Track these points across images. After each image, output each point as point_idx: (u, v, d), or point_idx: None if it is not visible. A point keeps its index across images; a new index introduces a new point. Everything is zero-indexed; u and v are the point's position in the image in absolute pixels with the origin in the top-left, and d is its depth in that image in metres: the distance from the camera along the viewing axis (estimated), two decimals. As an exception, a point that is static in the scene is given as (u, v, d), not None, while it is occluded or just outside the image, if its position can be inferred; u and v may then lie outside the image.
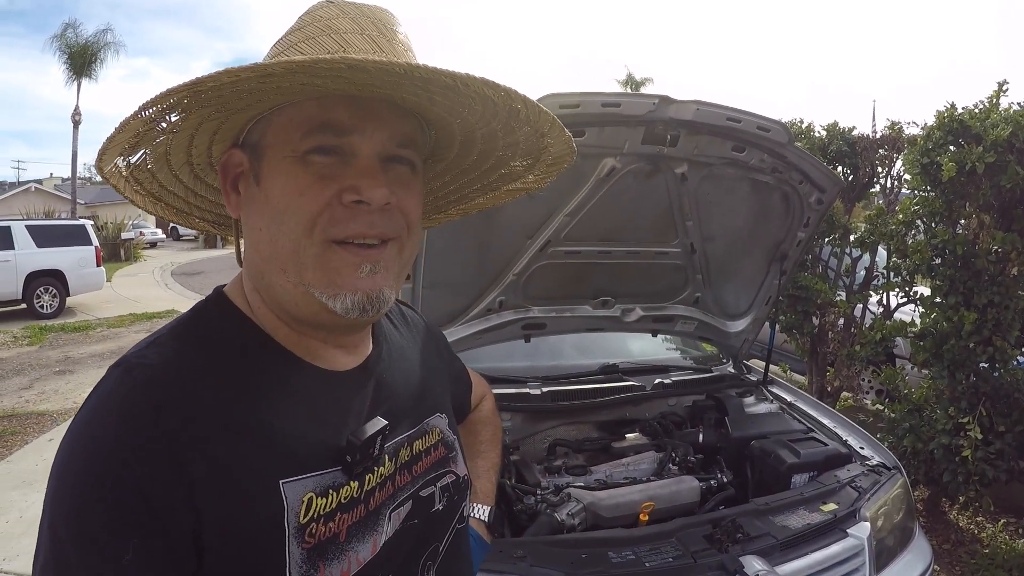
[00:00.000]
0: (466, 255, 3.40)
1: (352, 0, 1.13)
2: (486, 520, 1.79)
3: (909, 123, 5.97)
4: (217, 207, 1.32)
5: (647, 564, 2.49)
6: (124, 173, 1.11)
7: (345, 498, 1.10)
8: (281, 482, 1.02)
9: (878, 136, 6.36)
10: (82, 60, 35.65)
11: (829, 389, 6.91)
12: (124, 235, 35.10)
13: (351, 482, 1.11)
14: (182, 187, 1.23)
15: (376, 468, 1.18)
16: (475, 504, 1.77)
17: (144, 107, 0.92)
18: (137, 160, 1.09)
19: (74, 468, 0.94)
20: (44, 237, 16.50)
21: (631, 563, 2.49)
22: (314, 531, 1.03)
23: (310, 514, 1.03)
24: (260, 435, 1.03)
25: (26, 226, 16.57)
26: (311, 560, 1.02)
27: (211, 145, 1.13)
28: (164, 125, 1.00)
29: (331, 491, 1.08)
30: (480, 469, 1.84)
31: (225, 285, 1.22)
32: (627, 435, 3.80)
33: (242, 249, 1.20)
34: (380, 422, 1.17)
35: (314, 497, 1.05)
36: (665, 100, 2.93)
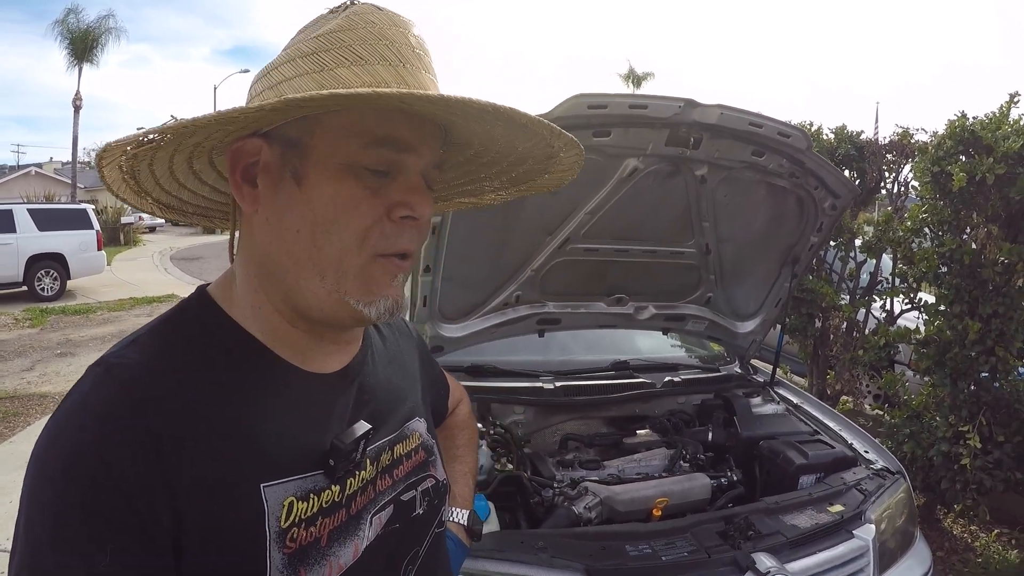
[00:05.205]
0: (486, 249, 3.43)
1: (390, 9, 1.11)
2: (465, 524, 1.78)
3: (918, 129, 6.01)
4: (181, 190, 1.25)
5: (663, 558, 2.53)
6: (129, 148, 1.04)
7: (326, 502, 1.10)
8: (262, 485, 1.01)
9: (885, 140, 6.37)
10: (83, 45, 35.79)
11: (829, 392, 6.93)
12: (124, 219, 35.09)
13: (332, 486, 1.11)
14: (165, 167, 1.16)
15: (358, 472, 1.18)
16: (453, 508, 1.77)
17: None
18: (152, 139, 1.03)
19: (52, 467, 0.93)
20: (45, 221, 16.62)
21: (647, 556, 2.54)
22: (295, 536, 1.03)
23: (291, 518, 1.03)
24: (241, 437, 1.02)
25: (28, 209, 16.68)
26: (292, 565, 1.02)
27: (235, 131, 1.09)
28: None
29: (312, 495, 1.08)
30: (457, 473, 1.83)
31: (208, 284, 1.20)
32: (638, 431, 3.84)
33: (236, 245, 1.19)
34: (364, 425, 1.17)
35: (295, 501, 1.04)
36: (690, 103, 2.96)
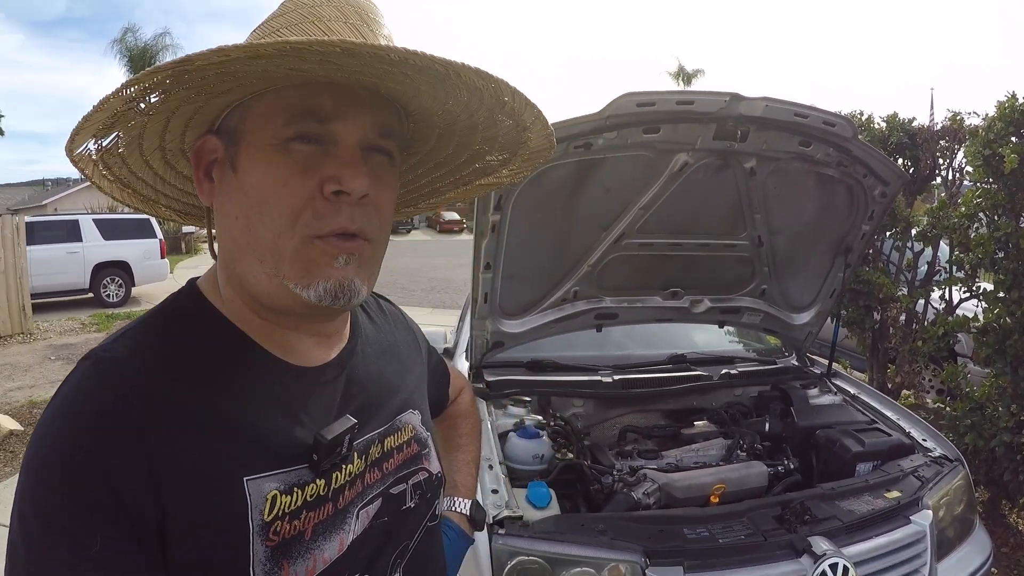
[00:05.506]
0: (544, 247, 3.50)
1: None
2: (467, 513, 1.75)
3: (970, 113, 5.91)
4: (185, 195, 1.30)
5: (720, 540, 2.58)
6: (94, 157, 1.08)
7: (311, 496, 1.09)
8: (245, 479, 1.01)
9: (938, 127, 6.25)
10: (142, 63, 36.37)
11: (890, 386, 6.79)
12: (185, 228, 35.63)
13: (317, 480, 1.10)
14: (151, 173, 1.20)
15: (344, 466, 1.16)
16: (455, 498, 1.76)
17: (127, 84, 0.90)
18: (109, 143, 1.05)
19: (41, 460, 0.94)
20: (111, 230, 17.05)
21: (705, 539, 2.59)
22: (278, 529, 1.03)
23: (274, 512, 1.02)
24: (226, 430, 1.02)
25: (93, 220, 17.13)
26: (275, 558, 1.01)
27: (185, 130, 1.11)
28: (143, 106, 0.97)
29: (296, 489, 1.07)
30: (460, 462, 1.84)
31: (198, 277, 1.20)
32: (695, 423, 3.89)
33: (215, 238, 1.18)
34: (349, 420, 1.16)
35: (278, 495, 1.04)
36: (736, 97, 3.00)
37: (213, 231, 1.19)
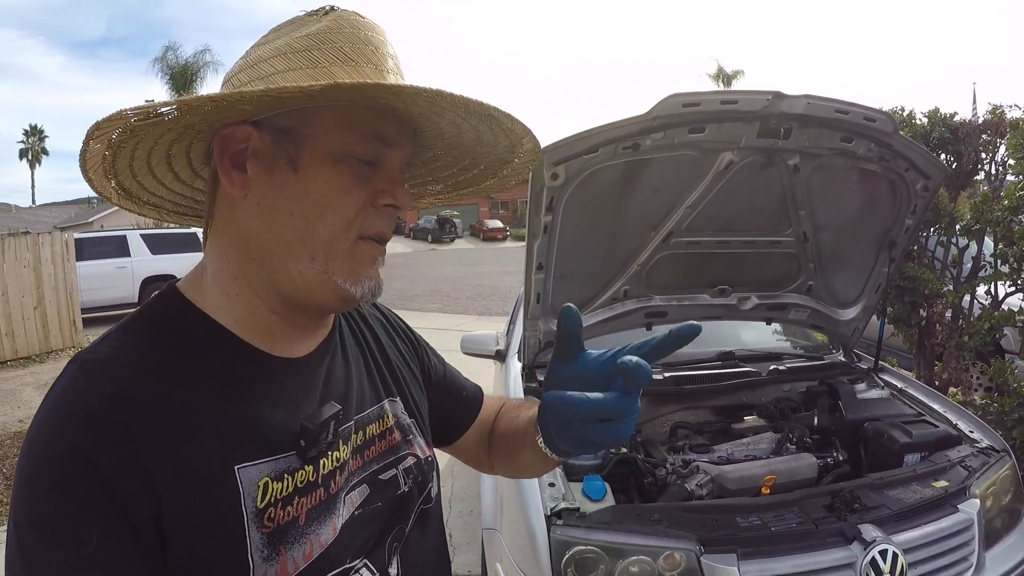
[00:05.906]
0: (594, 247, 3.56)
1: (365, 17, 1.17)
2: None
3: (1011, 106, 5.86)
4: (172, 195, 1.31)
5: (772, 528, 2.64)
6: (107, 155, 1.08)
7: (301, 482, 1.12)
8: (236, 467, 1.04)
9: (980, 121, 6.18)
10: (183, 79, 36.92)
11: (937, 383, 6.66)
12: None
13: (306, 466, 1.13)
14: (151, 178, 1.23)
15: (331, 452, 1.19)
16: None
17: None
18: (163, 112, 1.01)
19: (34, 464, 0.96)
20: (158, 244, 17.24)
21: (757, 527, 2.65)
22: (273, 515, 1.06)
23: (267, 499, 1.06)
24: (214, 422, 1.05)
25: (141, 235, 17.33)
26: (272, 544, 1.04)
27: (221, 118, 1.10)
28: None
29: (286, 475, 1.10)
30: (524, 410, 1.65)
31: (179, 280, 1.22)
32: (745, 417, 3.94)
33: (209, 236, 1.20)
34: (333, 407, 1.20)
35: (270, 482, 1.07)
36: (778, 95, 3.04)
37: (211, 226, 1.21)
